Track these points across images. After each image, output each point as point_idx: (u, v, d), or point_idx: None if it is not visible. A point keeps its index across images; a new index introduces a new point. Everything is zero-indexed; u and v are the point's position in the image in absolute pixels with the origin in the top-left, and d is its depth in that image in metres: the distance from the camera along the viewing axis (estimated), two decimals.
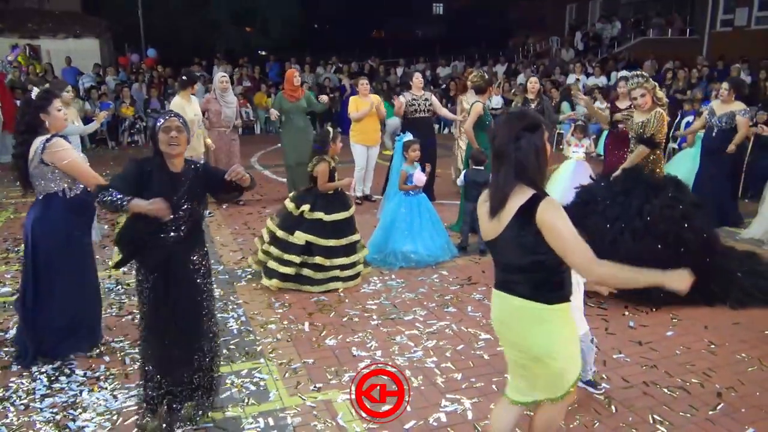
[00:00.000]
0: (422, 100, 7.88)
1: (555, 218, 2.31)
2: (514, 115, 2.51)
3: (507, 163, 2.38)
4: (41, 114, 4.00)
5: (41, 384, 3.84)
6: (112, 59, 19.97)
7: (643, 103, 5.29)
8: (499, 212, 2.41)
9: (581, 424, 3.44)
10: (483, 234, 2.59)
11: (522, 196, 2.37)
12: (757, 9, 16.64)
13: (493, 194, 2.44)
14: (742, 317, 4.81)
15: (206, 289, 3.40)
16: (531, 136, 2.37)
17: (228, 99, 7.95)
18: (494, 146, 2.45)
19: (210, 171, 3.52)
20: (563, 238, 2.30)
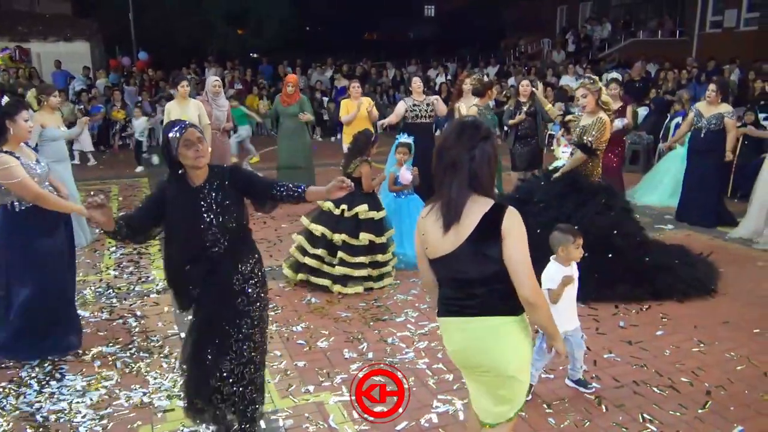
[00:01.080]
0: (424, 105, 7.75)
1: (520, 227, 2.28)
2: (467, 124, 2.39)
3: (460, 173, 2.30)
4: (7, 120, 4.00)
5: (32, 389, 3.83)
6: (103, 62, 19.89)
7: (585, 104, 5.22)
8: (454, 225, 2.31)
9: (572, 424, 3.46)
10: (432, 251, 2.41)
11: (482, 206, 2.30)
12: (745, 10, 16.75)
13: (446, 207, 2.32)
14: (730, 316, 4.85)
15: (256, 302, 3.04)
16: (485, 146, 2.31)
17: (220, 102, 7.96)
18: (447, 157, 2.34)
19: (243, 175, 3.06)
20: (522, 251, 2.26)
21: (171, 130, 2.85)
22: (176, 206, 2.91)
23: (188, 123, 2.91)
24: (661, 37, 19.46)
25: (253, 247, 3.11)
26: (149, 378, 3.97)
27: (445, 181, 2.33)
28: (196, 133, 2.85)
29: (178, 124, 2.88)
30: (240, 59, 20.45)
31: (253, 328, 3.03)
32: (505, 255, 2.27)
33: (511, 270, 2.27)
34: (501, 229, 2.26)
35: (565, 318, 3.63)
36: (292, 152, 8.22)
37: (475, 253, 2.30)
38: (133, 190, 9.51)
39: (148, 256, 6.43)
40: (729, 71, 13.71)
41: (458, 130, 2.36)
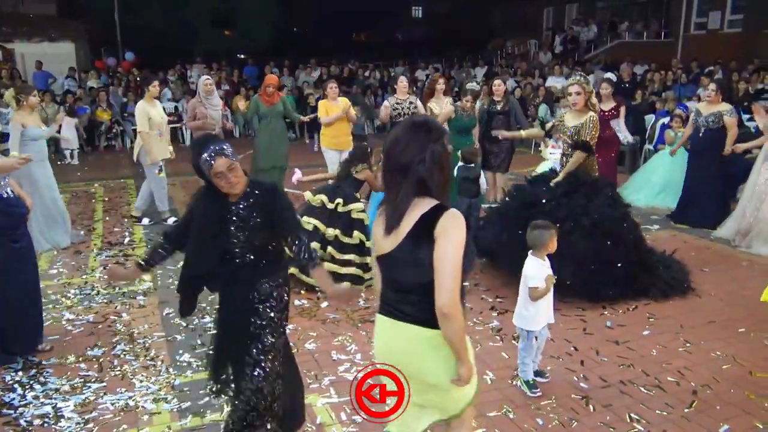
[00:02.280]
0: (407, 104, 7.82)
1: (457, 231, 2.14)
2: (418, 124, 2.25)
3: (410, 177, 2.18)
4: None
5: (15, 393, 3.79)
6: (89, 63, 19.73)
7: (576, 101, 5.23)
8: (395, 229, 2.21)
9: (559, 424, 3.47)
10: (375, 248, 2.36)
11: (423, 207, 2.19)
12: (729, 12, 16.92)
13: (391, 211, 2.23)
14: (716, 316, 4.88)
15: (267, 327, 2.90)
16: (435, 148, 2.19)
17: (213, 101, 7.89)
18: (396, 160, 2.21)
19: (279, 205, 2.87)
20: (452, 254, 2.12)
21: (202, 152, 2.73)
22: (206, 215, 2.86)
23: (219, 149, 2.74)
24: (646, 38, 19.62)
25: (278, 269, 2.98)
26: (135, 381, 3.94)
27: (393, 185, 2.23)
28: (227, 163, 2.72)
29: (209, 147, 2.74)
30: (227, 60, 20.35)
31: (263, 354, 2.88)
32: (435, 256, 2.14)
33: (435, 271, 2.13)
34: (434, 230, 2.14)
35: (543, 315, 3.71)
36: (276, 152, 8.15)
37: (410, 254, 2.20)
38: (118, 192, 9.43)
39: (134, 258, 6.37)
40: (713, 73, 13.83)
41: (408, 132, 2.23)
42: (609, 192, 5.35)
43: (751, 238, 6.45)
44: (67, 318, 4.89)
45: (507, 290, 5.37)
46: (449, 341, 2.20)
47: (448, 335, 2.18)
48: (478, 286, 5.53)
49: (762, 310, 4.99)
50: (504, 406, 3.63)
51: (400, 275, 2.28)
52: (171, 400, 3.72)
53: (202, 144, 2.80)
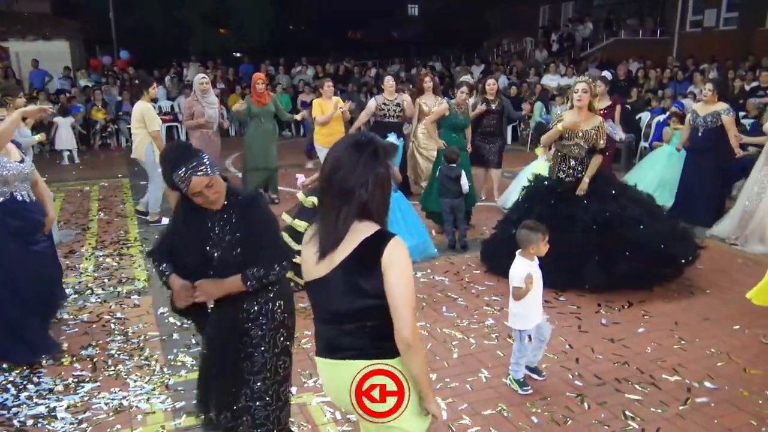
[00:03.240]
0: (393, 105, 7.87)
1: (404, 259, 2.05)
2: (361, 145, 2.08)
3: (353, 202, 2.04)
4: None
5: (9, 393, 3.77)
6: (83, 62, 19.66)
7: (582, 98, 5.22)
8: (329, 254, 2.07)
9: (554, 422, 3.47)
10: (306, 273, 2.18)
11: (364, 231, 2.06)
12: (725, 10, 16.94)
13: (325, 235, 2.08)
14: (711, 313, 4.89)
15: (260, 346, 2.70)
16: (380, 171, 2.06)
17: (209, 100, 7.85)
18: (337, 183, 2.05)
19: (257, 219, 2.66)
20: (406, 286, 2.04)
21: (175, 169, 2.50)
22: (186, 225, 2.69)
23: (193, 168, 2.50)
24: (642, 36, 19.63)
25: (273, 288, 2.73)
26: (129, 381, 3.93)
27: (332, 208, 2.07)
28: (204, 181, 2.51)
29: (181, 165, 2.50)
30: (223, 59, 20.31)
31: (254, 375, 2.68)
32: (387, 290, 2.03)
33: (392, 305, 2.03)
34: (381, 260, 2.02)
35: (534, 313, 3.71)
36: (269, 153, 8.14)
37: (347, 282, 2.06)
38: (113, 191, 9.40)
39: (128, 258, 6.36)
40: (708, 70, 13.86)
41: (353, 154, 2.06)
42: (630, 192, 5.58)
43: (746, 236, 6.47)
44: (61, 317, 4.87)
45: (502, 289, 5.38)
46: (415, 376, 2.10)
47: (413, 369, 2.08)
48: (473, 284, 5.53)
49: (756, 308, 4.99)
50: (499, 405, 3.63)
51: (333, 302, 2.11)
52: (165, 399, 3.71)
53: (175, 160, 2.53)
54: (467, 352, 4.27)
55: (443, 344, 4.40)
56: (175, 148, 2.64)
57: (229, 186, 2.69)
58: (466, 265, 6.02)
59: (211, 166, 2.56)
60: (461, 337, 4.50)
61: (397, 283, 2.03)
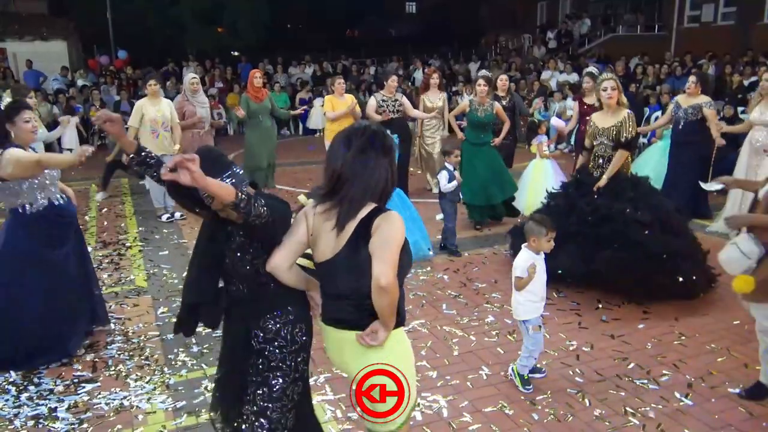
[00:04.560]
0: (391, 101, 7.88)
1: (390, 224, 2.22)
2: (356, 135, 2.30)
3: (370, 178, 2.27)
4: (7, 124, 3.94)
5: (9, 394, 3.77)
6: (81, 62, 19.64)
7: (612, 96, 5.17)
8: (345, 226, 2.25)
9: (555, 419, 3.47)
10: (318, 254, 2.36)
11: (364, 211, 2.26)
12: (722, 5, 16.95)
13: (346, 206, 2.26)
14: (711, 309, 4.89)
15: (277, 370, 2.50)
16: (385, 162, 2.29)
17: (200, 99, 7.86)
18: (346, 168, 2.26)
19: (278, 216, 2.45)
20: (388, 240, 2.19)
21: None
22: (200, 233, 2.56)
23: None
24: (640, 32, 19.63)
25: (286, 303, 2.51)
26: (130, 381, 3.92)
27: (353, 180, 2.26)
28: None
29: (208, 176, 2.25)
30: (221, 58, 20.28)
31: (269, 402, 2.49)
32: (371, 246, 2.20)
33: (373, 253, 2.19)
34: (371, 229, 2.21)
35: (537, 303, 3.71)
36: (267, 151, 8.19)
37: (350, 260, 2.25)
38: (112, 191, 9.38)
39: (128, 258, 6.35)
40: (706, 65, 13.86)
41: (349, 144, 2.28)
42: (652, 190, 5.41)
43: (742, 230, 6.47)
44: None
45: (503, 286, 5.38)
46: (380, 310, 2.24)
47: (380, 306, 2.22)
48: (473, 282, 5.53)
49: None
50: (500, 402, 3.63)
51: (338, 282, 2.32)
52: (166, 399, 3.71)
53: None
54: (468, 350, 4.27)
55: (443, 342, 4.40)
56: (204, 155, 2.29)
57: (257, 193, 2.50)
58: (467, 263, 6.01)
59: (237, 183, 2.34)
60: (462, 335, 4.50)
61: (382, 237, 2.20)
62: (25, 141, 4.02)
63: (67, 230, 4.24)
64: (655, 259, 4.81)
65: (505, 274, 5.57)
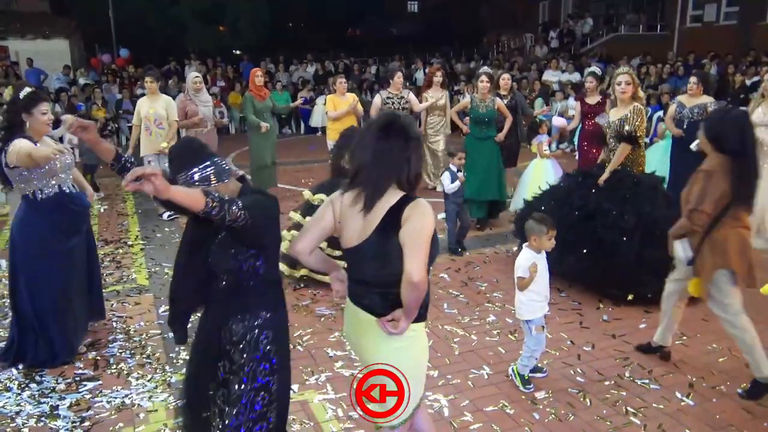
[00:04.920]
0: (397, 98, 7.91)
1: (419, 215, 2.24)
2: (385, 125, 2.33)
3: (393, 161, 2.29)
4: (24, 114, 3.93)
5: (11, 392, 3.77)
6: (83, 60, 19.66)
7: (625, 90, 5.13)
8: (372, 208, 2.28)
9: (556, 418, 3.47)
10: (345, 240, 2.39)
11: (392, 199, 2.29)
12: (725, 5, 16.94)
13: (371, 187, 2.30)
14: None
15: (238, 372, 2.43)
16: (407, 148, 2.30)
17: (203, 98, 7.87)
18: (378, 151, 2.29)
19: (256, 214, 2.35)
20: (418, 234, 2.21)
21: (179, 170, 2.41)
22: (188, 222, 2.59)
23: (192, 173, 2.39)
24: (642, 31, 19.61)
25: (258, 307, 2.47)
26: (131, 379, 3.93)
27: (375, 165, 2.29)
28: None
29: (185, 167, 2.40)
30: (222, 57, 20.30)
31: (227, 405, 2.41)
32: (401, 238, 2.22)
33: (404, 245, 2.21)
34: (401, 217, 2.23)
35: (540, 303, 3.70)
36: (270, 149, 8.22)
37: (377, 248, 2.29)
38: (113, 189, 9.39)
39: (129, 256, 6.36)
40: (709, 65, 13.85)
41: (377, 134, 2.31)
42: (659, 189, 5.26)
43: None
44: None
45: (504, 285, 5.38)
46: (406, 302, 2.27)
47: (407, 299, 2.25)
48: (474, 281, 5.53)
49: (756, 304, 4.99)
50: (501, 401, 3.63)
51: (365, 269, 2.36)
52: (167, 397, 3.71)
53: (180, 160, 2.45)
54: (468, 349, 4.27)
55: (445, 341, 4.40)
56: (184, 146, 2.47)
57: (245, 187, 2.53)
58: (468, 263, 6.02)
59: (217, 173, 2.41)
60: (463, 334, 4.50)
61: (413, 228, 2.21)
62: (39, 133, 4.00)
63: (78, 220, 4.21)
64: (623, 267, 4.79)
65: (506, 274, 5.58)
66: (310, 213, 5.43)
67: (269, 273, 2.49)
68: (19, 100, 4.05)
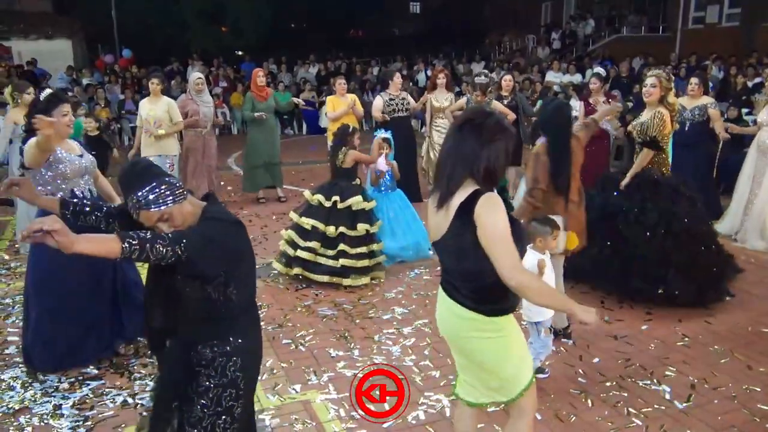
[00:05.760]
0: (399, 99, 7.94)
1: (489, 212, 2.22)
2: (490, 112, 2.39)
3: (466, 154, 2.30)
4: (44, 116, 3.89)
5: (14, 391, 3.79)
6: (85, 60, 19.69)
7: (651, 93, 5.09)
8: (446, 203, 2.31)
9: (557, 418, 3.47)
10: (432, 234, 2.47)
11: (465, 193, 2.29)
12: (727, 6, 16.93)
13: (443, 184, 2.34)
14: (714, 311, 4.88)
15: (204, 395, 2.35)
16: (500, 143, 2.31)
17: (204, 99, 7.90)
18: (457, 145, 2.33)
19: None
20: (493, 236, 2.21)
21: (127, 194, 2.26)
22: None
23: (138, 201, 2.22)
24: (644, 33, 19.62)
25: (227, 333, 2.38)
26: (134, 378, 3.94)
27: (449, 160, 2.34)
28: (153, 216, 2.22)
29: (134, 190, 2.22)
30: (225, 57, 20.32)
31: (189, 426, 2.37)
32: (482, 242, 2.24)
33: (489, 254, 2.24)
34: (473, 214, 2.24)
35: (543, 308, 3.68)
36: (270, 148, 8.22)
37: (453, 244, 2.33)
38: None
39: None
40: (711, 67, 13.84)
41: (481, 116, 2.34)
42: (686, 192, 5.19)
43: (745, 231, 6.47)
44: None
45: None
46: (544, 306, 2.34)
47: (536, 302, 2.33)
48: None
49: (760, 305, 5.00)
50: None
51: (446, 262, 2.46)
52: None
53: (127, 184, 2.26)
54: None
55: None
56: (130, 169, 2.31)
57: (207, 208, 2.34)
58: None
59: (171, 194, 2.24)
60: None
61: (488, 231, 2.22)
62: (60, 134, 3.92)
63: None
64: (646, 259, 4.79)
65: None
66: (310, 213, 5.44)
67: (242, 299, 2.39)
68: (40, 102, 4.04)
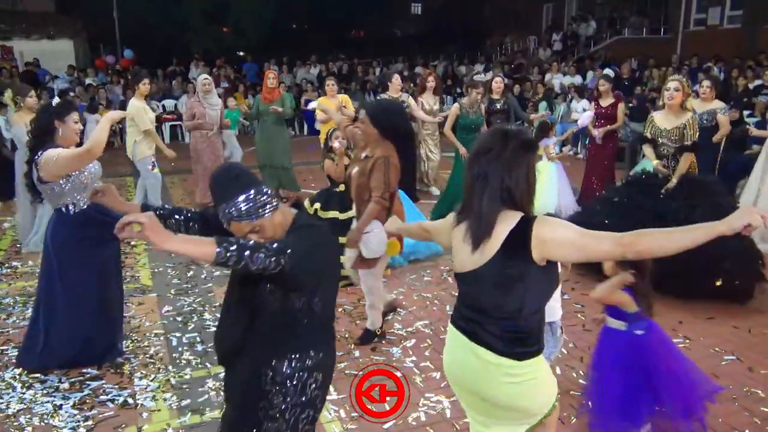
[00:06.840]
0: (399, 101, 7.92)
1: (556, 227, 2.05)
2: (509, 133, 2.16)
3: (492, 186, 2.09)
4: (56, 121, 3.86)
5: (15, 391, 3.79)
6: (87, 60, 19.70)
7: (674, 97, 5.20)
8: (484, 242, 2.09)
9: (558, 420, 3.46)
10: (458, 264, 2.22)
11: (510, 221, 2.09)
12: (729, 8, 16.92)
13: (476, 222, 2.11)
14: (715, 312, 4.88)
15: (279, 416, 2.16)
16: (525, 159, 2.12)
17: (212, 101, 7.89)
18: (480, 167, 2.12)
19: None
20: (575, 241, 2.02)
21: (219, 203, 2.09)
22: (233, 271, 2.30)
23: (230, 213, 2.06)
24: (645, 34, 19.62)
25: (306, 344, 2.18)
26: (135, 378, 3.94)
27: (476, 193, 2.12)
28: (245, 229, 2.08)
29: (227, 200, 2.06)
30: (226, 58, 20.34)
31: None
32: (563, 250, 2.04)
33: (582, 249, 2.02)
34: (530, 242, 2.03)
35: (554, 304, 3.64)
36: (273, 151, 8.18)
37: (498, 275, 2.08)
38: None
39: (133, 256, 6.37)
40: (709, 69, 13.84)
41: (497, 138, 2.14)
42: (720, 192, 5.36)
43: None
44: None
45: None
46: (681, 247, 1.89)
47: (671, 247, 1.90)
48: None
49: (761, 307, 5.00)
50: None
51: (483, 296, 2.15)
52: (170, 397, 3.72)
53: (220, 192, 2.10)
54: None
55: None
56: (223, 174, 2.13)
57: (298, 218, 2.20)
58: None
59: (266, 206, 2.08)
60: None
61: (573, 245, 2.01)
62: (68, 142, 3.92)
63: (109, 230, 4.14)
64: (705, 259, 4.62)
65: None
66: None
67: (325, 311, 2.22)
68: (52, 106, 4.03)
